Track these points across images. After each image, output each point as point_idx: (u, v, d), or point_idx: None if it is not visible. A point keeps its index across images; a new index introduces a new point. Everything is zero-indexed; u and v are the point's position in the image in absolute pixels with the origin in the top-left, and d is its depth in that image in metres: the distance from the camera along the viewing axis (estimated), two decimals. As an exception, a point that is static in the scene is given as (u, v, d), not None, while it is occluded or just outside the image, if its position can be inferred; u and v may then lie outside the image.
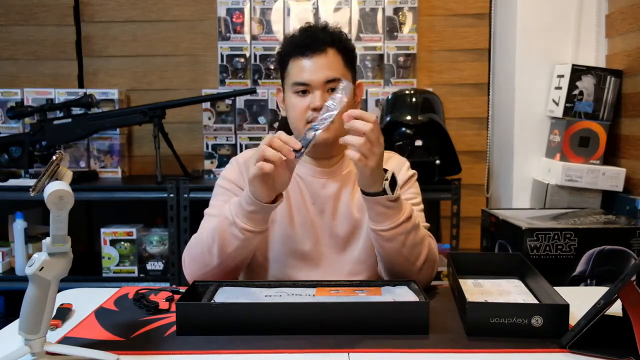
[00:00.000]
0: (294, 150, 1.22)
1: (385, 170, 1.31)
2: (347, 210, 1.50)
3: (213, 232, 1.35)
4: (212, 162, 2.78)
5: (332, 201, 1.51)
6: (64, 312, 1.25)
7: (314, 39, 1.45)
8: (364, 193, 1.32)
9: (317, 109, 1.40)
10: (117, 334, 1.15)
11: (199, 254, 1.39)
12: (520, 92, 2.63)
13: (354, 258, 1.49)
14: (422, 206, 1.56)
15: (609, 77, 2.43)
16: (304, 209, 1.51)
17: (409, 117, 2.43)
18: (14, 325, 1.14)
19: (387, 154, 1.59)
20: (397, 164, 1.56)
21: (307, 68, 1.44)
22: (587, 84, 2.45)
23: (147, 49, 2.95)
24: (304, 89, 1.45)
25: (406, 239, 1.34)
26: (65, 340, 1.12)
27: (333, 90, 1.41)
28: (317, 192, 1.51)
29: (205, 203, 1.53)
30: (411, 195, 1.52)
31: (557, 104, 2.52)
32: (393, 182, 1.31)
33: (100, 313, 1.27)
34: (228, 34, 2.77)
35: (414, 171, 1.58)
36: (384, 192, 1.30)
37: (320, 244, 1.50)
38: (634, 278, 1.02)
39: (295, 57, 1.45)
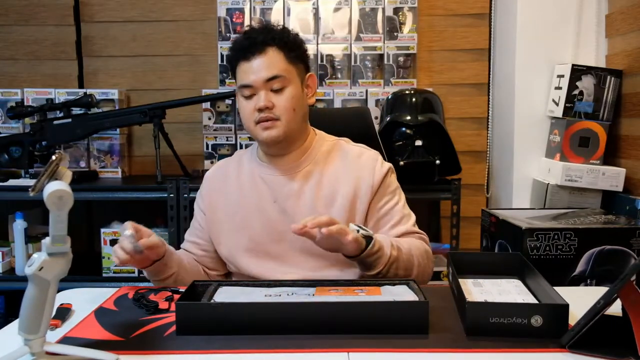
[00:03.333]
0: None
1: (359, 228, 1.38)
2: (311, 207, 1.51)
3: None
4: (212, 162, 2.77)
5: (294, 198, 1.52)
6: (63, 312, 1.25)
7: (253, 41, 1.48)
8: (348, 257, 1.39)
9: (262, 110, 1.46)
10: (117, 334, 1.15)
11: None
12: (520, 92, 2.63)
13: (318, 254, 1.47)
14: (403, 200, 1.59)
15: (609, 77, 2.43)
16: (264, 209, 1.53)
17: (409, 117, 2.43)
18: (14, 325, 1.14)
19: (358, 149, 1.60)
20: (370, 161, 1.56)
21: (248, 70, 1.47)
22: (587, 84, 2.45)
23: (147, 49, 2.95)
24: (249, 92, 1.48)
25: (399, 265, 1.43)
26: (65, 340, 1.12)
27: (276, 91, 1.46)
28: (278, 190, 1.53)
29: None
30: (389, 198, 1.55)
31: (557, 104, 2.52)
32: (365, 231, 1.39)
33: (100, 313, 1.27)
34: (228, 34, 2.77)
35: (389, 165, 1.59)
36: (365, 247, 1.37)
37: (284, 242, 1.52)
38: (633, 278, 1.01)
39: (239, 61, 1.50)
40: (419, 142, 2.40)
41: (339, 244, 1.34)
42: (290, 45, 1.50)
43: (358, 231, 1.37)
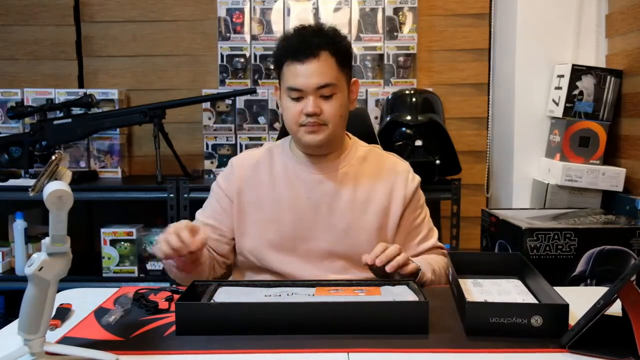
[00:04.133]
0: None
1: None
2: (346, 208, 1.52)
3: None
4: (212, 162, 2.78)
5: (328, 197, 1.52)
6: (63, 312, 1.25)
7: (307, 43, 1.45)
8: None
9: (309, 115, 1.44)
10: (117, 334, 1.15)
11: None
12: (520, 92, 2.63)
13: (343, 255, 1.51)
14: (428, 213, 1.64)
15: (609, 77, 2.43)
16: (296, 204, 1.52)
17: (409, 117, 2.43)
18: (14, 325, 1.14)
19: (393, 158, 1.64)
20: (404, 172, 1.60)
21: (300, 73, 1.45)
22: (587, 84, 2.45)
23: (147, 49, 2.95)
24: (297, 95, 1.46)
25: (431, 285, 1.48)
26: (65, 340, 1.12)
27: (325, 97, 1.46)
28: (312, 188, 1.53)
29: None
30: (419, 211, 1.60)
31: (557, 104, 2.52)
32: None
33: (100, 313, 1.27)
34: (228, 34, 2.77)
35: (419, 178, 1.62)
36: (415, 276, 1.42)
37: (312, 239, 1.51)
38: (633, 278, 1.02)
39: (289, 61, 1.47)
40: (419, 142, 2.40)
41: (395, 273, 1.36)
42: (342, 51, 1.49)
43: None
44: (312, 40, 1.45)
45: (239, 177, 1.57)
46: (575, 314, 1.11)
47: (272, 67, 2.74)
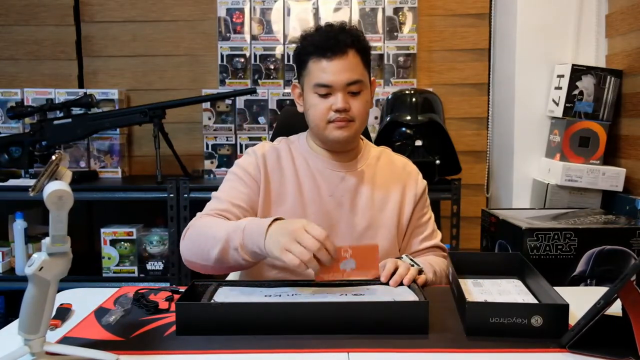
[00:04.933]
0: None
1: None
2: (366, 206, 1.54)
3: (216, 240, 1.33)
4: (212, 162, 2.78)
5: (350, 194, 1.54)
6: (63, 312, 1.25)
7: (336, 40, 1.46)
8: None
9: (339, 111, 1.45)
10: (117, 334, 1.15)
11: (198, 249, 1.38)
12: (520, 92, 2.63)
13: None
14: (433, 216, 1.67)
15: (609, 77, 2.43)
16: (318, 200, 1.53)
17: (409, 117, 2.43)
18: (14, 325, 1.14)
19: (403, 159, 1.67)
20: (414, 172, 1.63)
21: (328, 70, 1.45)
22: (587, 84, 2.45)
23: (147, 49, 2.95)
24: (326, 92, 1.46)
25: (432, 285, 1.48)
26: (65, 340, 1.12)
27: (353, 94, 1.46)
28: (335, 184, 1.54)
29: (205, 203, 1.53)
30: (426, 210, 1.64)
31: (557, 104, 2.52)
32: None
33: (100, 313, 1.27)
34: (228, 34, 2.77)
35: (425, 182, 1.65)
36: None
37: (334, 236, 1.50)
38: (633, 278, 1.01)
39: (316, 58, 1.47)
40: (419, 142, 2.40)
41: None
42: (366, 50, 1.51)
43: (412, 265, 1.40)
44: (340, 38, 1.46)
45: (266, 166, 1.54)
46: (575, 314, 1.11)
47: (272, 67, 2.75)
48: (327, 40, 1.46)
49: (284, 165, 1.55)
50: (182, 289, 1.36)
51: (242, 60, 2.77)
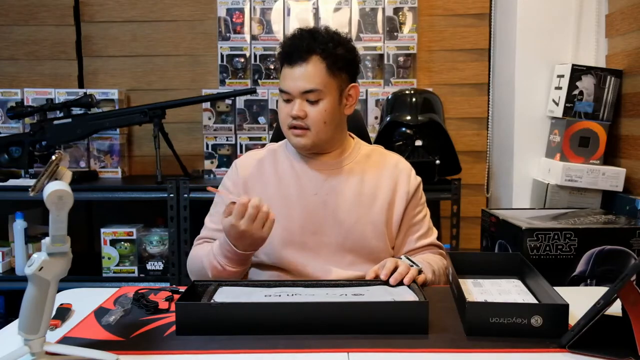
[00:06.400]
0: None
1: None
2: (353, 203, 1.54)
3: (203, 263, 1.47)
4: (212, 162, 2.78)
5: (335, 192, 1.54)
6: (63, 312, 1.25)
7: (297, 47, 1.47)
8: None
9: (295, 118, 1.48)
10: (117, 334, 1.15)
11: (196, 270, 1.52)
12: (520, 92, 2.63)
13: (352, 249, 1.53)
14: (429, 214, 1.66)
15: (609, 77, 2.43)
16: (303, 200, 1.54)
17: (409, 117, 2.43)
18: (14, 325, 1.14)
19: (396, 157, 1.66)
20: (407, 169, 1.63)
21: (288, 77, 1.49)
22: (587, 84, 2.45)
23: (147, 49, 2.95)
24: (286, 97, 1.50)
25: (431, 284, 1.49)
26: (65, 340, 1.12)
27: (311, 102, 1.48)
28: (319, 184, 1.55)
29: (205, 203, 1.54)
30: (420, 208, 1.63)
31: (557, 104, 2.52)
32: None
33: (100, 313, 1.27)
34: (228, 34, 2.77)
35: (419, 178, 1.65)
36: None
37: (321, 234, 1.53)
38: (633, 278, 1.01)
39: (283, 64, 1.51)
40: (419, 142, 2.40)
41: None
42: (335, 56, 1.49)
43: (412, 266, 1.40)
44: (302, 45, 1.47)
45: (245, 177, 1.59)
46: (575, 314, 1.11)
47: (272, 67, 2.76)
48: (290, 46, 1.49)
49: (267, 171, 1.59)
50: (182, 289, 1.36)
51: (242, 60, 2.77)
